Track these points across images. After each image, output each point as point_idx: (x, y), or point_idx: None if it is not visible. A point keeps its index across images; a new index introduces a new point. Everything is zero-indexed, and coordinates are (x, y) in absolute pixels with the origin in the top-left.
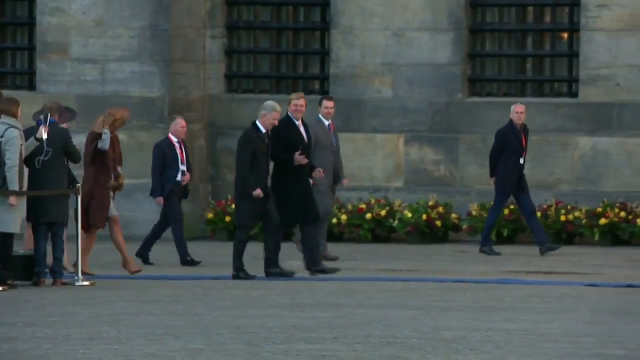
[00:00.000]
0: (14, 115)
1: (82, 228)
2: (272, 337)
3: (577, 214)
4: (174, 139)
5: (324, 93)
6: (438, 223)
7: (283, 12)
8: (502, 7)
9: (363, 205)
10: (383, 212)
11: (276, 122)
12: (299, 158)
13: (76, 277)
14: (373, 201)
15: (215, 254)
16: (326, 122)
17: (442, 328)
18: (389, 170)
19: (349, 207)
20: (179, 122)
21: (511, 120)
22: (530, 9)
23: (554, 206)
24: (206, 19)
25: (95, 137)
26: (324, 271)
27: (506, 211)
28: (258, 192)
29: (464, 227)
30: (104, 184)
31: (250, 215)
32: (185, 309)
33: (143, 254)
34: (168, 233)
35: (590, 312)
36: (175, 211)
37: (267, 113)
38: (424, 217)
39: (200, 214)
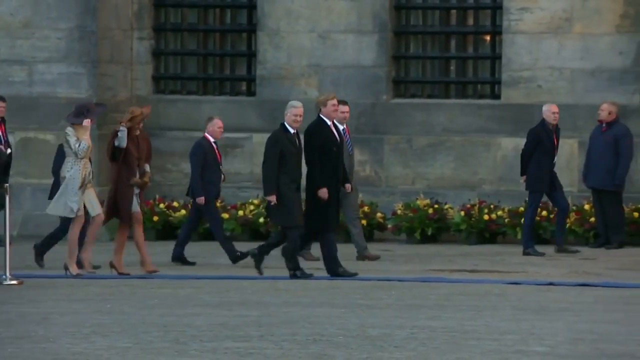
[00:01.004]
0: None
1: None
2: (199, 336)
3: (499, 213)
4: (211, 140)
5: (251, 94)
6: (364, 222)
7: (210, 14)
8: (426, 10)
9: None
10: None
11: (298, 119)
12: (323, 193)
13: (4, 276)
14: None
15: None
16: (341, 127)
17: (367, 326)
18: None
19: None
20: (217, 123)
21: (543, 120)
22: (454, 12)
23: (477, 206)
24: (133, 21)
25: (115, 134)
26: (344, 274)
27: (430, 210)
28: (272, 197)
29: (389, 226)
30: (127, 181)
31: (291, 215)
32: (112, 308)
33: (180, 256)
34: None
35: (513, 309)
36: (216, 215)
37: (286, 111)
38: None
39: None
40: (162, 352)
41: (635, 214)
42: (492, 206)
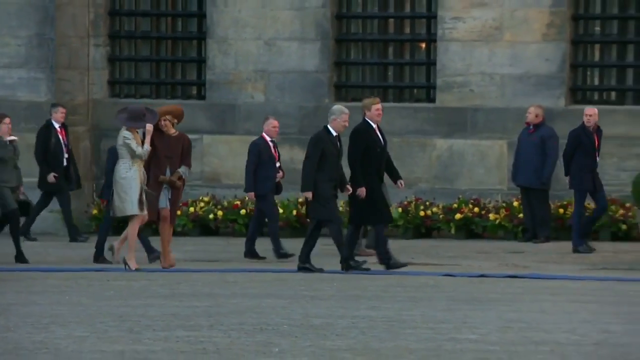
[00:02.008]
0: None
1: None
2: (152, 325)
3: (434, 209)
4: (268, 138)
5: (201, 98)
6: (308, 219)
7: (162, 22)
8: (365, 19)
9: (238, 202)
10: None
11: (347, 124)
12: (361, 192)
13: None
14: (247, 198)
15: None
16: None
17: (311, 315)
18: None
19: (225, 203)
20: (271, 122)
21: (583, 122)
22: (391, 20)
23: (413, 202)
24: (90, 29)
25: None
26: (395, 266)
27: None
28: (309, 194)
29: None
30: (154, 178)
31: (328, 209)
32: (70, 299)
33: (251, 251)
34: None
35: (447, 300)
36: (272, 208)
37: (337, 117)
38: (294, 212)
39: (85, 210)
40: (117, 340)
41: (561, 211)
42: (427, 203)
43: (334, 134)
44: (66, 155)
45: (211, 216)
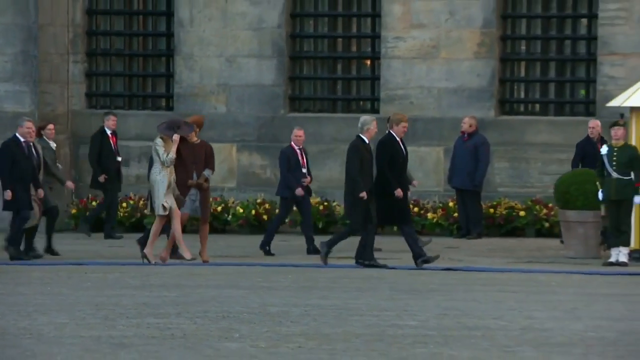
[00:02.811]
0: None
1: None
2: (125, 313)
3: None
4: (295, 147)
5: (169, 109)
6: (265, 217)
7: (134, 41)
8: (316, 38)
9: None
10: (219, 208)
11: (377, 130)
12: (399, 192)
13: None
14: (211, 199)
15: (78, 244)
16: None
17: (268, 304)
18: (224, 174)
19: None
20: (295, 132)
21: (587, 134)
22: (340, 40)
23: None
24: (69, 47)
25: None
26: (427, 261)
27: (321, 207)
28: (364, 194)
29: (287, 220)
30: (182, 182)
31: (364, 218)
32: (52, 290)
33: (313, 249)
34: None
35: (390, 290)
36: (285, 211)
37: (370, 126)
38: (253, 212)
39: (65, 209)
40: (94, 327)
41: (491, 210)
42: None
43: (367, 141)
44: (118, 159)
45: None
